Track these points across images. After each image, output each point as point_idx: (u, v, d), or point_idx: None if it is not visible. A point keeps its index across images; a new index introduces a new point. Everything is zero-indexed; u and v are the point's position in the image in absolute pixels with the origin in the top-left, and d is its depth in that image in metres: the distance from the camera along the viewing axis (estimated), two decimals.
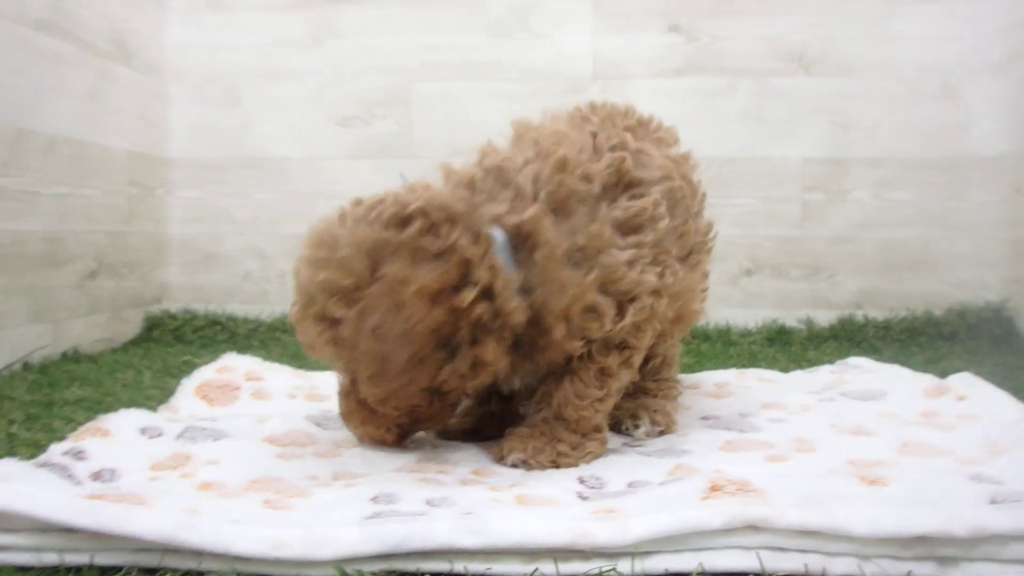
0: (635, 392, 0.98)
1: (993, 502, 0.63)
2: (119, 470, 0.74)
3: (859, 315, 1.74)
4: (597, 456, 0.83)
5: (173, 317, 1.84)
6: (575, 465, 0.81)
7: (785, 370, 1.41)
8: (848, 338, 1.69)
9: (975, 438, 0.82)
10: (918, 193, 1.74)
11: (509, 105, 1.80)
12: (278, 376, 1.12)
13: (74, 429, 0.92)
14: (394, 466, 0.79)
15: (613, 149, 0.84)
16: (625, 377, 0.85)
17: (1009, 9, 1.66)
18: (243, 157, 1.90)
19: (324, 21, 1.86)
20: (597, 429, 0.84)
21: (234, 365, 1.12)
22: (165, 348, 1.68)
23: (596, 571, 0.59)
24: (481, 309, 0.72)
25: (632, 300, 0.80)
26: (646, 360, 1.01)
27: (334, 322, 0.73)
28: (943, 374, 1.33)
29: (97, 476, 0.73)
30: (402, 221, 0.73)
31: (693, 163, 0.96)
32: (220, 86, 1.89)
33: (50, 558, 0.60)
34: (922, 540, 0.59)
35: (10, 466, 0.69)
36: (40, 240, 1.47)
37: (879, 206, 1.76)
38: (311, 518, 0.62)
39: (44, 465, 0.71)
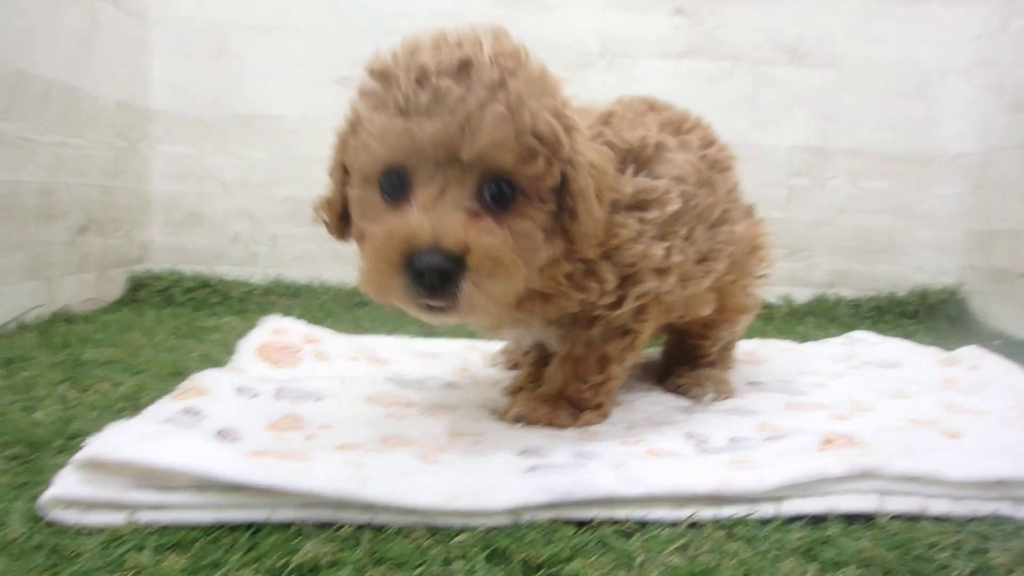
0: (695, 362, 1.04)
1: None
2: (240, 429, 0.73)
3: (832, 294, 1.88)
4: (592, 425, 0.85)
5: (158, 277, 1.76)
6: (569, 427, 0.83)
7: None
8: (823, 314, 1.82)
9: (1003, 401, 0.93)
10: (890, 183, 1.89)
11: None
12: (334, 339, 1.12)
13: (125, 390, 0.91)
14: (502, 425, 0.83)
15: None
16: (629, 359, 0.88)
17: (983, 18, 1.82)
18: (233, 114, 1.84)
19: None
20: (599, 406, 0.87)
21: (288, 327, 1.11)
22: (158, 310, 1.62)
23: (741, 515, 0.65)
24: None
25: (634, 279, 0.81)
26: (700, 353, 1.04)
27: None
28: None
29: (223, 435, 0.71)
30: None
31: (734, 176, 0.99)
32: (209, 37, 1.81)
33: (209, 516, 0.58)
34: (1001, 483, 0.68)
35: (143, 425, 0.68)
36: (35, 192, 1.39)
37: (855, 194, 1.90)
38: (473, 468, 0.65)
39: (171, 422, 0.70)
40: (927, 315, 1.82)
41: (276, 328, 1.10)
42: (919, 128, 1.88)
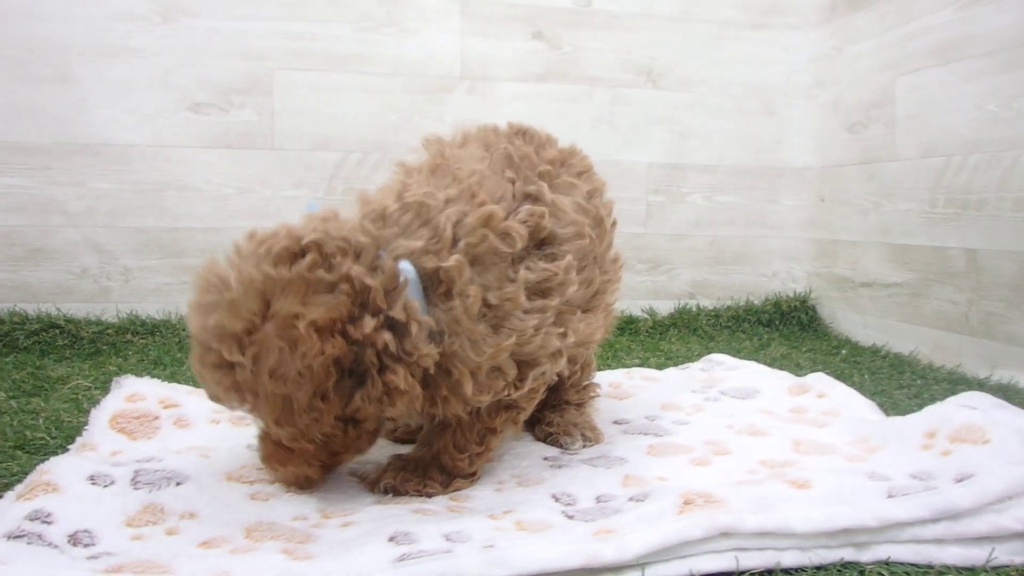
0: (559, 405, 1.04)
1: (890, 496, 0.77)
2: (95, 531, 0.70)
3: (692, 305, 1.96)
4: (462, 490, 0.86)
5: None
6: (439, 495, 0.84)
7: (643, 360, 1.57)
8: (686, 326, 1.90)
9: (847, 434, 0.99)
10: (741, 197, 1.99)
11: (376, 99, 1.78)
12: (192, 400, 1.05)
13: None
14: (372, 499, 0.82)
15: (529, 197, 0.82)
16: (509, 431, 0.89)
17: (818, 42, 1.94)
18: (77, 142, 1.69)
19: None
20: (471, 475, 0.87)
21: (143, 391, 1.04)
22: None
23: None
24: (385, 338, 0.70)
25: (533, 365, 0.81)
26: (566, 376, 1.04)
27: (231, 368, 0.70)
28: (771, 359, 1.57)
29: (75, 540, 0.68)
30: (293, 256, 0.70)
31: (608, 200, 0.97)
32: (48, 62, 1.66)
33: None
34: (845, 531, 0.73)
35: None
36: None
37: (710, 207, 1.98)
38: (342, 565, 0.64)
39: (18, 536, 0.65)
40: (781, 322, 1.94)
41: (131, 393, 1.03)
42: (767, 144, 1.99)
